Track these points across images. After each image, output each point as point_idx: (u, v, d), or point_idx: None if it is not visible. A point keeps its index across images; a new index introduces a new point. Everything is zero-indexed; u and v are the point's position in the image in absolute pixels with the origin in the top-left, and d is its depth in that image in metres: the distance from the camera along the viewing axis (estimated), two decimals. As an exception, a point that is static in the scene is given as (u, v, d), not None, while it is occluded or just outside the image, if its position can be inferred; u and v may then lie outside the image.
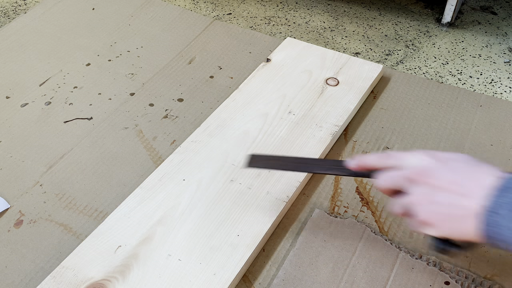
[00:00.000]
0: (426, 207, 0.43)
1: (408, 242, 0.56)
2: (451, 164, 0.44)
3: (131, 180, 0.63)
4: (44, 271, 0.54)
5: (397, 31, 1.47)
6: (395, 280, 0.52)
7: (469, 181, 0.42)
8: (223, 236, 0.55)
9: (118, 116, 0.73)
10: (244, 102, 0.71)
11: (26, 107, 0.74)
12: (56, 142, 0.69)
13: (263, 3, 1.58)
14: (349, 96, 0.72)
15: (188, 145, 0.65)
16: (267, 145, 0.65)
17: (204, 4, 1.57)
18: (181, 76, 0.80)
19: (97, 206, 0.61)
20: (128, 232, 0.55)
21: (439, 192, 0.43)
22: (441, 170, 0.44)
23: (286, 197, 0.59)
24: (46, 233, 0.58)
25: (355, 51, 1.39)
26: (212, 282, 0.51)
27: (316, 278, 0.53)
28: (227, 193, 0.59)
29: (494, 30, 1.47)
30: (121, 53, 0.84)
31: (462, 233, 0.42)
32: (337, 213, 0.59)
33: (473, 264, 0.54)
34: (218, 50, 0.85)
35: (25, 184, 0.63)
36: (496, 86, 1.28)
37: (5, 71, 0.80)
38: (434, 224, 0.43)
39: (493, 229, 0.40)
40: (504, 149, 0.67)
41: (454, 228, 0.43)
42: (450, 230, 0.43)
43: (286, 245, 0.56)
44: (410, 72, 1.32)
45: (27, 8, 1.52)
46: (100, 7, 0.95)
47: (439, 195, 0.43)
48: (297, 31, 1.46)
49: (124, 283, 0.51)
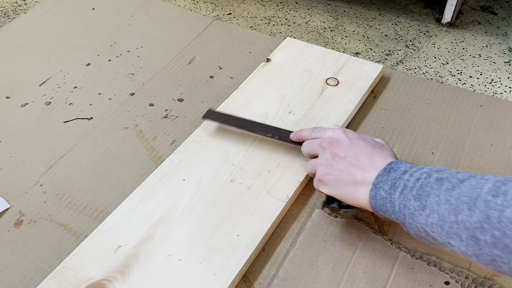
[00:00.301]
0: (325, 169, 0.54)
1: (408, 242, 0.56)
2: (356, 142, 0.54)
3: (131, 180, 0.63)
4: (44, 271, 0.54)
5: (397, 31, 1.47)
6: (395, 280, 0.52)
7: (365, 159, 0.52)
8: (223, 236, 0.55)
9: (118, 116, 0.73)
10: (244, 102, 0.71)
11: (26, 107, 0.74)
12: (56, 142, 0.69)
13: (263, 3, 1.58)
14: (349, 96, 0.72)
15: (188, 145, 0.65)
16: (267, 145, 0.65)
17: (204, 4, 1.57)
18: (181, 76, 0.80)
19: (97, 206, 0.61)
20: (128, 232, 0.55)
21: (338, 160, 0.53)
22: (346, 144, 0.54)
23: (286, 197, 0.59)
24: (46, 233, 0.58)
25: (355, 51, 1.39)
26: (212, 282, 0.51)
27: (316, 278, 0.53)
28: (227, 193, 0.59)
29: (494, 30, 1.47)
30: (121, 53, 0.84)
31: (350, 198, 0.52)
32: (337, 213, 0.59)
33: (473, 264, 0.54)
34: (218, 50, 0.85)
35: (25, 184, 0.63)
36: (496, 86, 1.28)
37: (5, 71, 0.80)
38: (328, 184, 0.53)
39: (374, 200, 0.50)
40: (504, 149, 0.67)
41: (344, 193, 0.52)
42: (341, 194, 0.52)
43: (286, 245, 0.56)
44: (410, 72, 1.32)
45: (27, 8, 1.52)
46: (100, 7, 0.95)
47: (338, 162, 0.53)
48: (297, 31, 1.46)
49: (124, 283, 0.51)
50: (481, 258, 0.41)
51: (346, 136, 0.55)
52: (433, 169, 0.47)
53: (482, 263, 0.41)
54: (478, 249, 0.41)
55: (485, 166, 0.64)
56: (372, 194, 0.50)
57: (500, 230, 0.38)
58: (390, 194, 0.48)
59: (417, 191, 0.46)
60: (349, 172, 0.52)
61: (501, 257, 0.39)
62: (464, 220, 0.41)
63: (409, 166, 0.49)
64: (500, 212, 0.38)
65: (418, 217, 0.45)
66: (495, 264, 0.40)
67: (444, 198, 0.43)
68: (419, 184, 0.46)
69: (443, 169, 0.47)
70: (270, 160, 0.63)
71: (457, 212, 0.42)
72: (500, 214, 0.38)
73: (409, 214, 0.46)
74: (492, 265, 0.40)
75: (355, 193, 0.51)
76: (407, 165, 0.50)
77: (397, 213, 0.48)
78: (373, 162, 0.51)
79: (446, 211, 0.43)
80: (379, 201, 0.49)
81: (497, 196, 0.39)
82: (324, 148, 0.55)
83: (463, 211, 0.41)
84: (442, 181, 0.45)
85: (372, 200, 0.50)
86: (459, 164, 0.65)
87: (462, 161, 0.65)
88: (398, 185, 0.48)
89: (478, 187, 0.41)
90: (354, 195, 0.51)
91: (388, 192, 0.48)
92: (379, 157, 0.52)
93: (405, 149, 0.67)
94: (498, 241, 0.39)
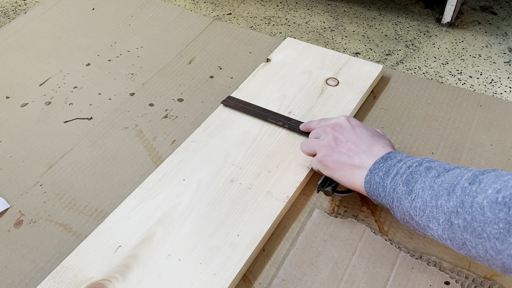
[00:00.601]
0: (326, 151, 0.56)
1: (408, 242, 0.56)
2: (358, 129, 0.57)
3: (131, 180, 0.63)
4: (44, 271, 0.54)
5: (397, 31, 1.47)
6: (395, 280, 0.52)
7: (364, 145, 0.55)
8: (223, 236, 0.55)
9: (118, 116, 0.73)
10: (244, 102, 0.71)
11: (26, 107, 0.74)
12: (56, 142, 0.69)
13: (263, 3, 1.58)
14: (349, 96, 0.72)
15: (188, 145, 0.65)
16: (267, 145, 0.65)
17: (204, 4, 1.57)
18: (181, 76, 0.80)
19: (97, 206, 0.61)
20: (128, 232, 0.55)
21: (339, 143, 0.56)
22: (348, 129, 0.57)
23: (286, 197, 0.59)
24: (46, 233, 0.58)
25: (355, 51, 1.39)
26: (212, 282, 0.51)
27: (316, 278, 0.53)
28: (227, 193, 0.59)
29: (494, 30, 1.47)
30: (121, 53, 0.84)
31: (346, 181, 0.55)
32: (337, 213, 0.59)
33: (473, 264, 0.54)
34: (218, 50, 0.85)
35: (25, 184, 0.63)
36: (496, 86, 1.28)
37: (5, 71, 0.80)
38: (327, 165, 0.56)
39: (369, 185, 0.53)
40: (504, 149, 0.67)
41: (341, 175, 0.55)
42: (338, 176, 0.55)
43: (286, 245, 0.56)
44: (410, 72, 1.32)
45: (27, 8, 1.52)
46: (100, 7, 0.95)
47: (339, 145, 0.56)
48: (297, 31, 1.46)
49: (124, 283, 0.51)
50: (454, 241, 0.43)
51: (349, 122, 0.58)
52: (425, 159, 0.51)
53: (455, 247, 0.44)
54: (452, 233, 0.43)
55: (485, 166, 0.64)
56: (367, 178, 0.53)
57: (471, 215, 0.41)
58: (383, 179, 0.51)
59: (406, 177, 0.49)
60: (348, 155, 0.55)
61: (470, 241, 0.42)
62: (443, 204, 0.44)
63: (405, 156, 0.53)
64: (473, 198, 0.41)
65: (404, 201, 0.48)
66: (465, 248, 0.43)
67: (429, 184, 0.46)
68: (409, 171, 0.49)
69: (435, 160, 0.50)
70: (270, 160, 0.63)
71: (438, 197, 0.45)
72: (472, 200, 0.41)
73: (397, 198, 0.49)
74: (463, 249, 0.43)
75: (351, 176, 0.54)
76: (404, 155, 0.53)
77: (387, 197, 0.51)
78: (371, 149, 0.55)
79: (429, 196, 0.46)
80: (373, 185, 0.52)
81: (473, 184, 0.42)
82: (327, 132, 0.58)
83: (442, 196, 0.44)
84: (431, 169, 0.48)
85: (367, 184, 0.53)
86: (459, 164, 0.65)
87: (462, 161, 0.65)
88: (391, 171, 0.51)
89: (460, 176, 0.44)
90: (350, 178, 0.54)
91: (381, 177, 0.51)
92: (377, 145, 0.55)
93: (405, 149, 0.67)
94: (468, 225, 0.41)
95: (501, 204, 0.39)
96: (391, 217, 0.59)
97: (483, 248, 0.41)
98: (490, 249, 0.40)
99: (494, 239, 0.39)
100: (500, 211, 0.39)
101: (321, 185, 0.58)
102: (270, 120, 0.68)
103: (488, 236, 0.40)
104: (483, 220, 0.40)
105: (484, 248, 0.41)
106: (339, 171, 0.55)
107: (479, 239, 0.41)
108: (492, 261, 0.41)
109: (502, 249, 0.39)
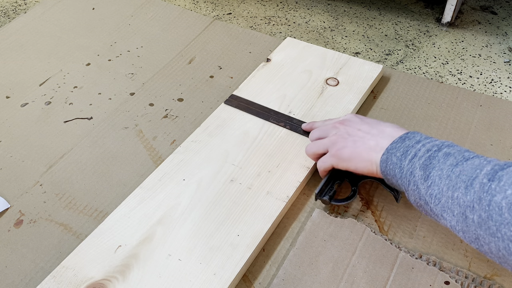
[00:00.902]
0: (341, 143, 0.57)
1: (408, 242, 0.56)
2: (366, 119, 0.59)
3: (131, 180, 0.63)
4: (44, 271, 0.54)
5: (397, 31, 1.47)
6: (395, 280, 0.52)
7: (376, 130, 0.56)
8: (223, 236, 0.55)
9: (118, 116, 0.73)
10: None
11: (26, 107, 0.74)
12: (56, 142, 0.69)
13: (263, 3, 1.58)
14: (349, 96, 0.72)
15: (188, 145, 0.65)
16: (267, 145, 0.65)
17: (204, 4, 1.57)
18: (181, 76, 0.80)
19: (97, 206, 0.61)
20: (128, 232, 0.55)
21: (352, 134, 0.57)
22: (357, 121, 0.59)
23: (286, 197, 0.59)
24: (46, 233, 0.58)
25: (355, 51, 1.39)
26: (212, 282, 0.51)
27: (316, 278, 0.53)
28: (227, 193, 0.59)
29: (494, 30, 1.47)
30: (121, 53, 0.84)
31: (364, 167, 0.55)
32: (337, 213, 0.59)
33: (473, 264, 0.54)
34: (218, 50, 0.85)
35: (25, 184, 0.63)
36: (496, 86, 1.28)
37: (5, 71, 0.80)
38: (342, 156, 0.56)
39: (385, 164, 0.52)
40: (504, 149, 0.67)
41: (358, 163, 0.55)
42: (355, 164, 0.55)
43: (286, 245, 0.56)
44: (410, 72, 1.32)
45: (27, 8, 1.52)
46: (100, 7, 0.95)
47: (352, 136, 0.57)
48: (297, 31, 1.46)
49: (124, 283, 0.51)
50: (467, 235, 0.43)
51: (357, 116, 0.60)
52: (445, 143, 0.50)
53: (467, 241, 0.44)
54: (465, 226, 0.43)
55: (485, 166, 0.64)
56: (383, 158, 0.52)
57: (487, 213, 0.41)
58: (400, 160, 0.51)
59: (424, 161, 0.48)
60: (363, 141, 0.55)
61: (483, 237, 0.41)
62: (459, 197, 0.44)
63: (424, 137, 0.52)
64: (492, 196, 0.41)
65: (420, 186, 0.48)
66: (477, 243, 0.43)
67: (446, 173, 0.46)
68: (428, 155, 0.49)
69: (454, 145, 0.49)
70: (270, 160, 0.63)
71: (455, 189, 0.44)
72: (491, 198, 0.41)
73: (413, 181, 0.49)
74: (475, 243, 0.43)
75: (367, 160, 0.54)
76: (423, 136, 0.52)
77: (403, 178, 0.50)
78: (384, 131, 0.55)
79: (445, 186, 0.45)
80: (389, 165, 0.52)
81: (493, 181, 0.41)
82: (337, 127, 0.59)
83: (460, 189, 0.44)
84: (449, 156, 0.47)
85: (383, 164, 0.53)
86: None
87: (462, 161, 0.65)
88: (409, 153, 0.50)
89: (479, 168, 0.44)
90: (366, 162, 0.54)
91: (399, 158, 0.51)
92: (390, 128, 0.56)
93: (405, 149, 0.67)
94: (483, 222, 0.41)
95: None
96: (391, 217, 0.59)
97: (495, 246, 0.41)
98: (503, 249, 0.40)
99: (508, 240, 0.39)
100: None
101: (319, 194, 0.58)
102: (272, 120, 0.68)
103: (502, 236, 0.40)
104: (499, 220, 0.40)
105: (497, 247, 0.40)
106: (355, 159, 0.55)
107: (492, 238, 0.40)
108: (503, 259, 0.41)
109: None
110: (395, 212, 0.59)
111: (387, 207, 0.60)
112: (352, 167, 0.56)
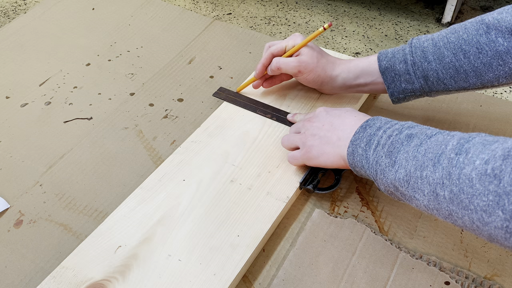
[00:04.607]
0: (308, 144, 0.57)
1: (408, 242, 0.56)
2: (332, 111, 0.59)
3: (131, 180, 0.63)
4: (44, 271, 0.54)
5: (397, 31, 1.47)
6: (395, 280, 0.52)
7: (337, 121, 0.56)
8: (223, 236, 0.55)
9: (118, 116, 0.73)
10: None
11: (26, 107, 0.74)
12: (56, 142, 0.69)
13: (263, 3, 1.58)
14: (348, 97, 0.72)
15: (188, 145, 0.65)
16: (267, 146, 0.65)
17: (204, 4, 1.57)
18: (181, 76, 0.80)
19: (97, 206, 0.61)
20: (128, 232, 0.55)
21: (317, 130, 0.57)
22: (323, 115, 0.59)
23: (286, 197, 0.59)
24: (46, 233, 0.58)
25: (355, 51, 1.39)
26: (212, 282, 0.51)
27: (316, 278, 0.53)
28: (227, 194, 0.59)
29: (494, 30, 1.47)
30: (121, 53, 0.84)
31: (332, 162, 0.56)
32: (337, 213, 0.59)
33: (473, 264, 0.54)
34: (218, 50, 0.85)
35: (25, 184, 0.63)
36: (496, 86, 1.28)
37: (5, 71, 0.80)
38: (311, 157, 0.57)
39: (352, 157, 0.53)
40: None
41: (326, 159, 0.56)
42: (325, 161, 0.56)
43: (286, 245, 0.56)
44: (410, 72, 1.32)
45: (27, 8, 1.52)
46: (100, 7, 0.95)
47: (317, 132, 0.57)
48: (297, 31, 1.46)
49: (124, 283, 0.51)
50: (441, 212, 0.43)
51: (325, 110, 0.60)
52: (405, 125, 0.50)
53: (442, 217, 0.44)
54: (437, 204, 0.43)
55: (485, 166, 0.64)
56: (350, 151, 0.53)
57: (458, 186, 0.40)
58: (365, 151, 0.51)
59: (388, 148, 0.49)
60: (328, 138, 0.56)
61: (456, 212, 0.41)
62: (428, 175, 0.43)
63: (384, 122, 0.52)
64: (460, 170, 0.40)
65: (388, 173, 0.48)
66: (451, 218, 0.43)
67: (412, 154, 0.46)
68: (390, 141, 0.49)
69: (415, 125, 0.50)
70: (270, 160, 0.63)
71: (423, 168, 0.44)
72: (460, 171, 0.40)
73: (380, 170, 0.49)
74: (449, 219, 0.43)
75: (334, 155, 0.55)
76: (382, 121, 0.53)
77: (370, 169, 0.51)
78: (345, 124, 0.56)
79: (413, 167, 0.45)
80: (356, 157, 0.52)
81: (460, 154, 0.41)
82: (305, 126, 0.60)
83: (428, 167, 0.44)
84: (412, 137, 0.48)
85: (350, 156, 0.53)
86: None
87: (462, 161, 0.65)
88: (372, 142, 0.51)
89: (443, 144, 0.44)
90: (333, 157, 0.55)
91: (364, 149, 0.51)
92: (349, 118, 0.56)
93: (405, 149, 0.67)
94: (455, 196, 0.41)
95: (491, 176, 0.38)
96: (391, 218, 0.59)
97: (469, 219, 0.40)
98: (477, 221, 0.40)
99: (482, 211, 0.39)
100: (490, 183, 0.38)
101: (303, 183, 0.59)
102: (259, 112, 0.69)
103: (475, 208, 0.39)
104: (471, 192, 0.39)
105: (470, 219, 0.40)
106: (323, 157, 0.56)
107: (465, 211, 0.40)
108: (478, 231, 0.41)
109: (489, 221, 0.39)
110: (395, 213, 0.59)
111: (387, 208, 0.60)
112: (322, 164, 0.57)
